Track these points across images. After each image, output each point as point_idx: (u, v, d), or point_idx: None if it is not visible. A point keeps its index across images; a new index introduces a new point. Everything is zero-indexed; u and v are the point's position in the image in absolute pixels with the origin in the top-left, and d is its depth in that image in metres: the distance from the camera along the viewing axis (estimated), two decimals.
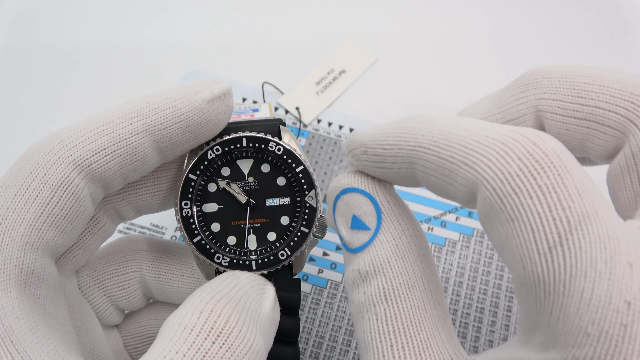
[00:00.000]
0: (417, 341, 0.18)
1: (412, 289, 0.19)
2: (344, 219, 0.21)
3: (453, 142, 0.17)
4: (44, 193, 0.19)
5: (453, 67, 0.43)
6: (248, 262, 0.23)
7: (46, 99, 0.41)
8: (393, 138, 0.20)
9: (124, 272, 0.24)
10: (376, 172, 0.21)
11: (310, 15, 0.45)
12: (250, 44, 0.43)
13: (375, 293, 0.19)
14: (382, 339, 0.19)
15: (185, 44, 0.43)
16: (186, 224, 0.23)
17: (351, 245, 0.21)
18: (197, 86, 0.21)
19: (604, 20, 0.45)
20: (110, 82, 0.42)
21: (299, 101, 0.40)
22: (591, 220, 0.15)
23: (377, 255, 0.20)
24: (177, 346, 0.17)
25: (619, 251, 0.15)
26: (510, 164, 0.16)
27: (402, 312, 0.19)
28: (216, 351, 0.17)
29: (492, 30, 0.44)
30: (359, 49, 0.43)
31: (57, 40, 0.43)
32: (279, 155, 0.23)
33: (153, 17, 0.44)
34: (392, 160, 0.20)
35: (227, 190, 0.23)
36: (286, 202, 0.23)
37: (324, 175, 0.38)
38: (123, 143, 0.20)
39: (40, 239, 0.19)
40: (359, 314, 0.20)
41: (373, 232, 0.20)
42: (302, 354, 0.32)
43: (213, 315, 0.18)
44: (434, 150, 0.18)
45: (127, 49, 0.43)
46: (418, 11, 0.45)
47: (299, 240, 0.23)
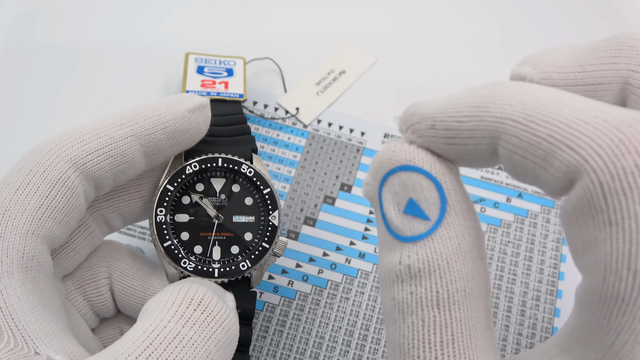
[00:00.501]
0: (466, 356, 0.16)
1: (469, 297, 0.17)
2: (395, 200, 0.18)
3: (553, 119, 0.14)
4: (43, 188, 0.21)
5: (453, 66, 0.43)
6: (211, 269, 0.25)
7: (46, 99, 0.41)
8: (471, 108, 0.16)
9: (99, 277, 0.26)
10: (445, 149, 0.17)
11: (310, 16, 0.45)
12: (250, 43, 0.43)
13: (426, 296, 0.17)
14: (427, 349, 0.17)
15: (185, 43, 0.43)
16: (159, 229, 0.25)
17: (401, 232, 0.17)
18: (180, 98, 0.24)
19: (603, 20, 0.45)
20: (111, 81, 0.42)
21: (299, 101, 0.40)
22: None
23: (436, 253, 0.17)
24: (162, 315, 0.19)
25: None
26: (625, 156, 0.13)
27: (454, 322, 0.16)
28: (198, 316, 0.19)
29: (492, 29, 0.44)
30: (359, 49, 0.43)
31: (58, 39, 0.43)
32: (249, 177, 0.26)
33: (153, 16, 0.44)
34: (470, 135, 0.16)
35: (199, 204, 0.26)
36: (251, 220, 0.26)
37: (324, 175, 0.38)
38: (114, 146, 0.22)
39: (40, 228, 0.21)
40: (399, 315, 0.17)
41: (434, 223, 0.17)
42: (302, 354, 0.32)
43: (191, 291, 0.20)
44: (528, 125, 0.15)
45: (127, 48, 0.43)
46: (418, 11, 0.45)
47: (259, 255, 0.26)
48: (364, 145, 0.39)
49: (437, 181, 0.17)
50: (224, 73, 0.36)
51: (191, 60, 0.36)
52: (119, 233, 0.36)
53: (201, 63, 0.36)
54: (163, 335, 0.18)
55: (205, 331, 0.19)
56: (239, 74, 0.36)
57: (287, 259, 0.35)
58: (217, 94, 0.33)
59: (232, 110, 0.31)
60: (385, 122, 0.40)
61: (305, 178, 0.38)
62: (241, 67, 0.37)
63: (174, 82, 0.41)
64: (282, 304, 0.34)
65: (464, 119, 0.16)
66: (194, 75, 0.35)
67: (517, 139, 0.15)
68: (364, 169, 0.38)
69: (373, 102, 0.41)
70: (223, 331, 0.20)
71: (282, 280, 0.34)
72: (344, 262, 0.35)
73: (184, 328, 0.19)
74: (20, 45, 0.43)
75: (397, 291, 0.17)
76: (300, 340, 0.33)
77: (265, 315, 0.33)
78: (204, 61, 0.37)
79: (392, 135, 0.39)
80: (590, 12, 0.45)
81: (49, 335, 0.19)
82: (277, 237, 0.26)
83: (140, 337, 0.18)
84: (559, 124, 0.14)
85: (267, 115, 0.40)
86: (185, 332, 0.19)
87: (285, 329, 0.33)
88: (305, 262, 0.35)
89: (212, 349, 0.19)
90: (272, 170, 0.38)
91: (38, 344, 0.18)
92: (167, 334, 0.18)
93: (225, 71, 0.36)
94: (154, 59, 0.42)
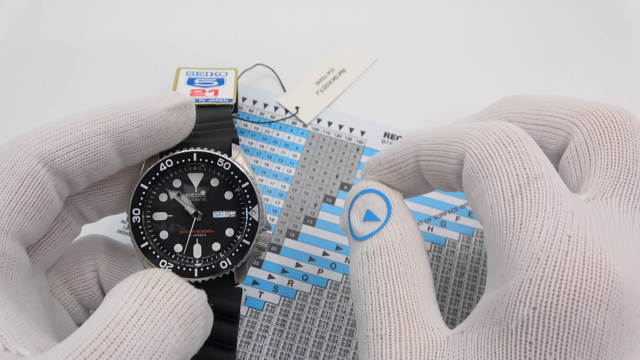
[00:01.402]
0: (411, 311, 0.22)
1: (410, 269, 0.23)
2: (358, 214, 0.25)
3: (447, 132, 0.23)
4: (12, 183, 0.20)
5: (453, 66, 0.43)
6: (191, 269, 0.24)
7: (48, 95, 0.41)
8: (399, 145, 0.25)
9: (85, 271, 0.26)
10: (389, 176, 0.26)
11: (310, 15, 0.45)
12: (250, 43, 0.43)
13: (378, 269, 0.23)
14: (382, 307, 0.22)
15: (185, 42, 0.43)
16: (135, 230, 0.24)
17: (361, 234, 0.24)
18: (160, 96, 0.24)
19: (603, 20, 0.45)
20: (112, 78, 0.41)
21: (298, 100, 0.40)
22: (544, 179, 0.20)
23: (384, 239, 0.23)
24: (119, 298, 0.19)
25: (564, 202, 0.19)
26: (488, 137, 0.21)
27: (401, 286, 0.22)
28: (156, 294, 0.19)
29: (492, 29, 0.44)
30: (359, 48, 0.43)
31: (59, 37, 0.43)
32: (226, 171, 0.25)
33: (152, 14, 0.44)
34: (401, 160, 0.25)
35: (177, 201, 0.25)
36: (232, 215, 0.25)
37: (323, 174, 0.38)
38: (85, 142, 0.22)
39: (10, 224, 0.20)
40: (361, 289, 0.23)
41: (383, 221, 0.24)
42: (302, 354, 0.32)
43: (151, 272, 0.20)
44: (433, 140, 0.23)
45: (128, 45, 0.43)
46: (418, 11, 0.45)
47: (240, 252, 0.25)
48: (364, 145, 0.39)
49: (384, 195, 0.25)
50: (214, 83, 0.36)
51: (182, 74, 0.36)
52: (118, 233, 0.36)
53: (192, 76, 0.36)
54: (120, 316, 0.18)
55: (164, 307, 0.19)
56: (230, 82, 0.36)
57: (287, 258, 0.35)
58: (206, 100, 0.32)
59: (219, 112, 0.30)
60: (385, 121, 0.40)
61: (305, 177, 0.38)
62: (233, 76, 0.36)
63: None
64: (282, 304, 0.34)
65: (396, 152, 0.25)
66: (184, 86, 0.35)
67: (429, 150, 0.23)
68: None
69: (373, 101, 0.41)
70: (185, 306, 0.20)
71: (282, 280, 0.34)
72: (343, 261, 0.35)
73: (142, 306, 0.19)
74: (22, 42, 0.43)
75: (360, 273, 0.23)
76: (300, 340, 0.33)
77: (265, 315, 0.33)
78: (195, 74, 0.36)
79: (392, 135, 0.39)
80: (590, 12, 0.45)
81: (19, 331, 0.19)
82: (258, 233, 0.25)
83: (97, 321, 0.18)
84: (450, 133, 0.23)
85: (267, 114, 0.40)
86: (143, 310, 0.18)
87: (285, 329, 0.33)
88: (305, 262, 0.35)
89: (174, 325, 0.19)
90: (272, 169, 0.38)
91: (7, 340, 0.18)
92: (125, 314, 0.18)
93: (215, 81, 0.36)
94: (156, 57, 0.42)
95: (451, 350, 0.20)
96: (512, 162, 0.20)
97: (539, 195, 0.19)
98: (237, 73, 0.37)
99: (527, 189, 0.19)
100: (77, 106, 0.40)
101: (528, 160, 0.20)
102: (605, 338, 0.18)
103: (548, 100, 0.25)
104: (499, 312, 0.19)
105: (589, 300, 0.18)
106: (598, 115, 0.23)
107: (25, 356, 0.18)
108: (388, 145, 0.27)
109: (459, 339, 0.21)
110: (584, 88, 0.42)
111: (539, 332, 0.18)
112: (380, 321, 0.22)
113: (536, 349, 0.18)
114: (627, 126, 0.22)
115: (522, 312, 0.18)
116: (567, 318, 0.18)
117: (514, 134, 0.21)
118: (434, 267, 0.35)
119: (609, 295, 0.18)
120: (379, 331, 0.22)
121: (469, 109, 0.41)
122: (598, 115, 0.23)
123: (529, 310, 0.18)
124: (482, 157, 0.21)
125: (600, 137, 0.22)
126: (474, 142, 0.21)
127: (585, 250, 0.18)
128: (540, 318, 0.18)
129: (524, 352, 0.18)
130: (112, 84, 0.41)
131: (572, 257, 0.18)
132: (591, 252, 0.18)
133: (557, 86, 0.42)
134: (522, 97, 0.26)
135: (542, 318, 0.18)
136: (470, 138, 0.22)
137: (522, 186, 0.19)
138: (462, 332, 0.21)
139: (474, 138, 0.21)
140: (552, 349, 0.18)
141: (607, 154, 0.22)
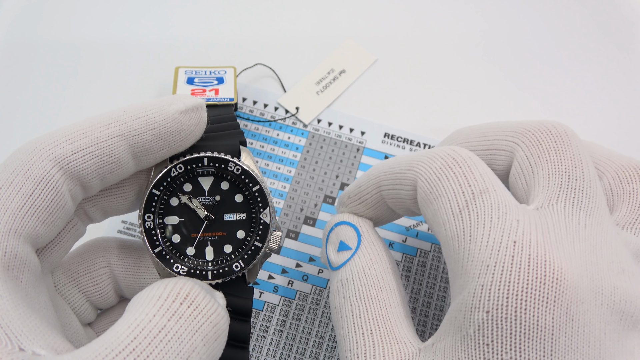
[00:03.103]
0: (383, 329, 0.23)
1: (381, 291, 0.24)
2: (333, 246, 0.27)
3: (401, 162, 0.25)
4: (26, 186, 0.21)
5: (453, 67, 0.43)
6: (205, 272, 0.24)
7: (50, 95, 0.41)
8: (364, 178, 0.28)
9: (95, 267, 0.26)
10: (359, 207, 0.28)
11: (310, 15, 0.45)
12: (249, 43, 0.43)
13: (352, 294, 0.25)
14: (357, 329, 0.24)
15: (184, 42, 0.43)
16: (148, 235, 0.24)
17: (336, 263, 0.26)
18: (171, 99, 0.24)
19: (608, 21, 0.45)
20: (115, 78, 0.41)
21: (299, 101, 0.40)
22: (489, 193, 0.21)
23: (356, 266, 0.25)
24: (147, 309, 0.19)
25: (509, 212, 0.20)
26: (435, 162, 0.23)
27: (372, 307, 0.24)
28: (184, 310, 0.19)
29: (491, 30, 0.44)
30: (359, 49, 0.43)
31: (59, 36, 0.43)
32: (237, 175, 0.25)
33: (152, 13, 0.44)
34: (366, 192, 0.27)
35: (188, 205, 0.25)
36: (242, 217, 0.25)
37: (324, 175, 0.38)
38: (100, 145, 0.22)
39: (23, 227, 0.20)
40: (339, 314, 0.25)
41: (354, 250, 0.26)
42: (302, 354, 0.32)
43: (179, 285, 0.20)
44: (390, 170, 0.26)
45: (126, 45, 0.43)
46: (418, 11, 0.45)
47: (252, 254, 0.25)
48: (364, 145, 0.39)
49: (355, 225, 0.27)
50: (214, 82, 0.36)
51: (181, 73, 0.36)
52: (118, 233, 0.36)
53: (191, 75, 0.36)
54: (148, 330, 0.18)
55: (191, 325, 0.19)
56: (230, 80, 0.36)
57: (287, 259, 0.35)
58: (207, 100, 0.32)
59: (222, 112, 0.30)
60: (385, 122, 0.40)
61: (305, 178, 0.38)
62: (232, 75, 0.36)
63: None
64: (282, 304, 0.34)
65: (362, 185, 0.27)
66: (184, 86, 0.35)
67: (387, 180, 0.26)
68: (364, 169, 0.38)
69: (373, 101, 0.41)
70: (210, 325, 0.20)
71: (282, 280, 0.34)
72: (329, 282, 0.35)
73: (170, 322, 0.19)
74: (23, 42, 0.43)
75: (337, 300, 0.25)
76: (300, 340, 0.33)
77: (265, 315, 0.33)
78: (194, 73, 0.36)
79: (392, 135, 0.39)
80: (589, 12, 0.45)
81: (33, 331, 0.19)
82: (269, 235, 0.25)
83: (125, 332, 0.18)
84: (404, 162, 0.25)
85: (267, 114, 0.40)
86: (171, 326, 0.19)
87: (285, 329, 0.33)
88: (305, 262, 0.35)
89: (199, 343, 0.19)
90: (272, 170, 0.38)
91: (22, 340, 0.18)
92: (152, 328, 0.18)
93: (215, 80, 0.36)
94: (155, 56, 0.42)
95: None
96: (457, 181, 0.22)
97: (485, 208, 0.21)
98: (235, 71, 0.37)
99: (473, 203, 0.21)
100: (76, 106, 0.40)
101: (472, 177, 0.22)
102: (556, 333, 0.19)
103: (491, 126, 0.27)
104: (459, 320, 0.20)
105: (536, 299, 0.19)
106: (535, 132, 0.24)
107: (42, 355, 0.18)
108: (355, 180, 0.30)
109: (430, 350, 0.22)
110: (584, 88, 0.42)
111: (493, 333, 0.19)
112: (356, 341, 0.23)
113: (493, 350, 0.19)
114: (562, 137, 0.24)
115: (478, 316, 0.19)
116: (518, 318, 0.19)
117: (458, 155, 0.23)
118: (405, 278, 0.35)
119: (555, 292, 0.19)
120: (356, 351, 0.23)
121: (468, 108, 0.41)
122: (535, 132, 0.24)
123: (483, 315, 0.19)
124: (431, 181, 0.23)
125: (539, 150, 0.24)
126: (423, 168, 0.23)
127: (530, 252, 0.19)
128: (493, 320, 0.19)
129: (482, 354, 0.19)
130: (111, 84, 0.41)
131: (517, 260, 0.19)
132: (535, 254, 0.19)
133: (557, 86, 0.42)
134: (468, 128, 0.28)
135: (495, 320, 0.19)
136: (420, 165, 0.23)
137: (469, 201, 0.21)
138: (433, 344, 0.22)
139: (423, 164, 0.23)
140: (507, 348, 0.19)
141: (547, 164, 0.23)
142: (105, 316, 0.28)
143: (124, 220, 0.36)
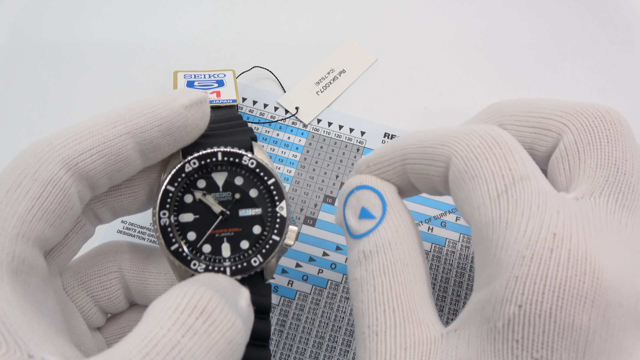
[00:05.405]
0: (407, 308, 0.22)
1: (406, 267, 0.23)
2: (353, 211, 0.25)
3: (433, 136, 0.23)
4: (34, 189, 0.20)
5: (453, 66, 0.43)
6: (222, 268, 0.24)
7: (46, 97, 0.41)
8: (387, 148, 0.25)
9: (105, 272, 0.26)
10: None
11: (310, 15, 0.45)
12: (249, 43, 0.43)
13: (375, 268, 0.23)
14: (378, 305, 0.22)
15: (184, 42, 0.43)
16: (164, 232, 0.24)
17: (357, 232, 0.24)
18: (175, 93, 0.23)
19: (608, 21, 0.45)
20: (118, 79, 0.42)
21: (298, 101, 0.40)
22: (530, 179, 0.20)
23: (381, 238, 0.23)
24: (162, 322, 0.18)
25: (549, 201, 0.19)
26: (473, 139, 0.21)
27: (396, 284, 0.22)
28: (199, 326, 0.19)
29: (491, 30, 0.44)
30: (359, 48, 0.43)
31: (63, 38, 0.43)
32: (252, 169, 0.25)
33: (152, 14, 0.44)
34: (388, 162, 0.25)
35: (203, 201, 0.25)
36: (258, 212, 0.25)
37: (324, 175, 0.38)
38: (107, 144, 0.22)
39: (31, 231, 0.20)
40: (359, 287, 0.23)
41: (378, 220, 0.24)
42: (302, 354, 0.32)
43: (196, 296, 0.19)
44: (419, 144, 0.23)
45: (127, 46, 0.43)
46: (418, 11, 0.45)
47: (270, 248, 0.25)
48: (364, 145, 0.39)
49: (379, 191, 0.24)
50: (214, 85, 0.36)
51: (180, 78, 0.36)
52: (117, 233, 0.36)
53: (190, 78, 0.36)
54: (161, 345, 0.18)
55: (206, 342, 0.19)
56: (230, 83, 0.36)
57: (287, 258, 0.35)
58: (211, 102, 0.32)
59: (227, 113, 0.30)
60: (385, 122, 0.40)
61: (305, 178, 0.38)
62: (231, 77, 0.36)
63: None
64: (282, 304, 0.34)
65: (383, 155, 0.25)
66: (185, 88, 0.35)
67: (415, 153, 0.23)
68: None
69: (373, 101, 0.41)
70: (225, 342, 0.19)
71: (282, 280, 0.34)
72: (343, 261, 0.35)
73: (184, 338, 0.18)
74: (25, 43, 0.43)
75: (357, 272, 0.23)
76: (300, 340, 0.33)
77: None
78: (193, 76, 0.36)
79: (392, 135, 0.39)
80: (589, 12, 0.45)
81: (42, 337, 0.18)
82: (286, 228, 0.25)
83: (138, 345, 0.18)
84: (436, 137, 0.22)
85: (267, 114, 0.40)
86: (185, 343, 0.18)
87: (285, 329, 0.33)
88: (305, 262, 0.35)
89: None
90: None
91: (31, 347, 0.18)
92: (166, 343, 0.18)
93: (215, 83, 0.36)
94: (154, 60, 0.42)
95: (445, 347, 0.21)
96: (497, 163, 0.20)
97: (525, 195, 0.19)
98: (234, 74, 0.37)
99: (513, 188, 0.20)
100: (77, 106, 0.40)
101: (513, 161, 0.20)
102: (592, 335, 0.18)
103: (538, 102, 0.25)
104: (487, 311, 0.19)
105: (574, 297, 0.18)
106: (588, 115, 0.23)
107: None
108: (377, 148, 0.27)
109: (453, 336, 0.21)
110: (584, 88, 0.42)
111: (525, 330, 0.18)
112: (376, 318, 0.22)
113: (523, 347, 0.18)
114: (616, 126, 0.22)
115: (509, 310, 0.18)
116: (553, 315, 0.18)
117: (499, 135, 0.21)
118: (434, 267, 0.35)
119: (594, 292, 0.18)
120: (375, 328, 0.22)
121: (468, 108, 0.41)
122: (588, 115, 0.23)
123: (515, 309, 0.18)
124: (468, 159, 0.21)
125: (589, 137, 0.23)
126: (460, 145, 0.21)
127: (571, 247, 0.18)
128: (526, 316, 0.18)
129: (511, 350, 0.18)
130: (110, 85, 0.41)
131: (557, 254, 0.18)
132: (576, 249, 0.18)
133: (557, 86, 0.42)
134: (512, 101, 0.26)
135: (527, 316, 0.18)
136: (456, 141, 0.22)
137: (508, 186, 0.20)
138: (456, 330, 0.21)
139: (459, 141, 0.21)
140: (538, 346, 0.18)
141: (596, 153, 0.22)
142: (114, 321, 0.27)
143: (124, 220, 0.36)
